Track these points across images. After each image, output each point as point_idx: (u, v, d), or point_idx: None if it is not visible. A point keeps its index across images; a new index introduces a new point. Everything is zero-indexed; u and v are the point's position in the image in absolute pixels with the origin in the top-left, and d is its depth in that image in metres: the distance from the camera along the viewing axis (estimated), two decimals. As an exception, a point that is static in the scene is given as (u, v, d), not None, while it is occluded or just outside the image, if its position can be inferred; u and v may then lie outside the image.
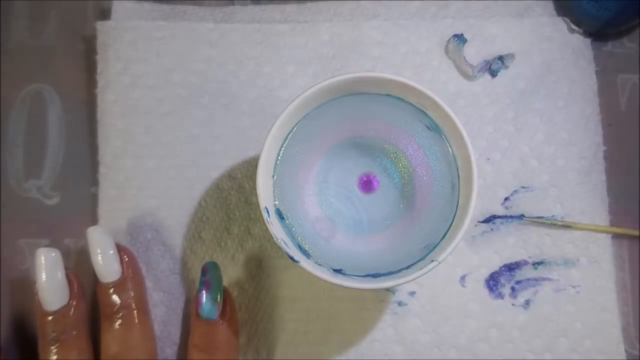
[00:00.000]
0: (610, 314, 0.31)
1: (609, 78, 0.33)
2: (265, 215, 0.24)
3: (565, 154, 0.32)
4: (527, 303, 0.31)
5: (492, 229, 0.31)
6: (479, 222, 0.31)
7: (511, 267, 0.31)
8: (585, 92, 0.33)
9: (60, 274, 0.27)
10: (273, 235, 0.24)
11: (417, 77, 0.33)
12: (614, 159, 0.33)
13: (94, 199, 0.32)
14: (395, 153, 0.26)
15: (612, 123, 0.33)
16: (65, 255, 0.31)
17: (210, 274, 0.28)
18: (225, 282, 0.29)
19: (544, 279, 0.31)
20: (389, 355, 0.30)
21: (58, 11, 0.34)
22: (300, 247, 0.25)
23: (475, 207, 0.24)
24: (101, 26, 0.33)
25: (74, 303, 0.28)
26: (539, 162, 0.32)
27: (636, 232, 0.32)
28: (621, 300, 0.31)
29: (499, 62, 0.33)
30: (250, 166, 0.32)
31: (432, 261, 0.23)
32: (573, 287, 0.31)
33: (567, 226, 0.31)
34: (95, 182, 0.32)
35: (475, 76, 0.32)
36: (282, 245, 0.24)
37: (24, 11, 0.34)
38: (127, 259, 0.29)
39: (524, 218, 0.31)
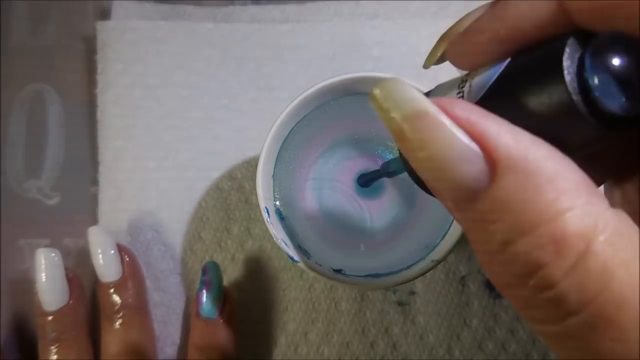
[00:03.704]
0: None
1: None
2: (265, 215, 0.24)
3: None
4: (527, 303, 0.31)
5: (492, 229, 0.31)
6: (479, 222, 0.31)
7: (511, 267, 0.31)
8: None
9: (60, 274, 0.27)
10: (273, 235, 0.24)
11: (418, 78, 0.32)
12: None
13: (94, 199, 0.32)
14: (397, 152, 0.26)
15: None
16: (65, 255, 0.31)
17: (210, 273, 0.28)
18: (225, 282, 0.29)
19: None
20: (389, 356, 0.30)
21: (58, 11, 0.34)
22: (300, 247, 0.25)
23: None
24: (101, 26, 0.33)
25: (74, 303, 0.28)
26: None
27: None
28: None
29: (499, 62, 0.32)
30: (250, 166, 0.32)
31: (432, 261, 0.23)
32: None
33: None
34: (95, 182, 0.32)
35: (475, 76, 0.32)
36: (282, 245, 0.24)
37: (24, 11, 0.34)
38: (127, 259, 0.29)
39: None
